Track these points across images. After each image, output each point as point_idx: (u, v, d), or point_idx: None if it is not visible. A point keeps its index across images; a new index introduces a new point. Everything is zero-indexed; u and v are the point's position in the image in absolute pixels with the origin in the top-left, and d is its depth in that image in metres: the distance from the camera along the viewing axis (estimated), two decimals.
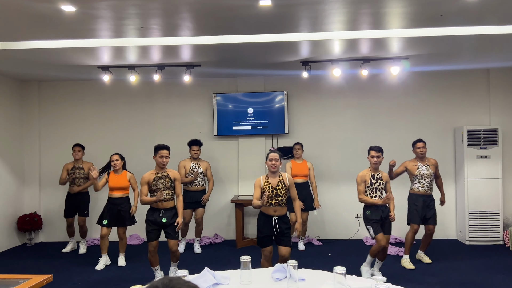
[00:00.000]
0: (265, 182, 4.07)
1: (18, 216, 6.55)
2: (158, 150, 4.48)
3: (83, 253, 6.05)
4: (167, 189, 4.48)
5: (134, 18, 3.82)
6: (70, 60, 5.40)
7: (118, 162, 5.34)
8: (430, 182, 5.15)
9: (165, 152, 4.48)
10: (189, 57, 5.36)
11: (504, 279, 4.64)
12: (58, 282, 4.64)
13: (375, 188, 4.59)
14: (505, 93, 6.43)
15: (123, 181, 5.32)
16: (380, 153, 4.59)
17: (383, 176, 4.65)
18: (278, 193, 4.04)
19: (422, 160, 5.17)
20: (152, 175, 4.49)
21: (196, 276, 2.66)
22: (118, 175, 5.33)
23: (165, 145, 4.52)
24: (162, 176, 4.48)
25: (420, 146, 5.16)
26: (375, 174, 4.62)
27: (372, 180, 4.59)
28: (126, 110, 6.86)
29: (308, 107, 6.71)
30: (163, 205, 4.47)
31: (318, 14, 3.80)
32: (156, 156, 4.48)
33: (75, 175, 6.00)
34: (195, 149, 5.98)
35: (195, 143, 5.99)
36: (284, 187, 4.07)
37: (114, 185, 5.29)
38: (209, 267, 2.79)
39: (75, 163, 6.04)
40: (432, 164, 5.18)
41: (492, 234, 6.11)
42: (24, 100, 6.85)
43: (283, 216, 4.10)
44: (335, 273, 2.33)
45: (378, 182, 4.59)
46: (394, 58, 5.49)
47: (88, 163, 6.07)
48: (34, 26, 4.01)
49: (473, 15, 3.87)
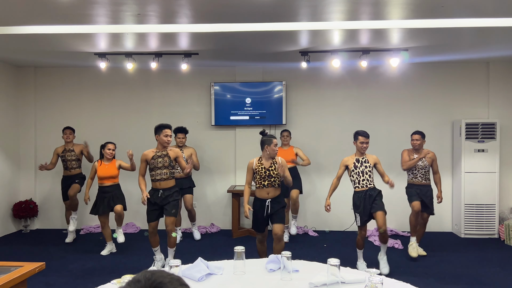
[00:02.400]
0: (257, 163, 4.18)
1: (13, 203, 6.53)
2: (162, 129, 4.45)
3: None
4: (166, 168, 4.47)
5: (131, 4, 3.76)
6: (66, 46, 5.33)
7: (113, 152, 5.30)
8: (425, 173, 5.15)
9: (169, 131, 4.47)
10: (187, 45, 5.30)
11: (499, 272, 4.66)
12: (52, 269, 4.64)
13: (361, 172, 4.56)
14: (504, 86, 6.40)
15: (112, 170, 5.27)
16: (368, 139, 4.57)
17: (370, 159, 4.60)
18: (270, 173, 4.14)
19: (417, 152, 5.15)
20: (152, 153, 4.49)
21: (189, 265, 2.65)
22: (108, 164, 5.28)
23: (169, 125, 4.51)
24: (161, 155, 4.47)
25: (414, 138, 5.14)
26: (360, 158, 4.59)
27: (357, 163, 4.58)
28: (122, 97, 6.81)
29: (306, 98, 6.67)
30: (161, 185, 4.48)
31: (318, 3, 3.74)
32: (160, 135, 4.44)
33: (67, 158, 5.89)
34: (181, 137, 5.89)
35: (180, 131, 5.90)
36: (276, 168, 4.15)
37: (103, 174, 5.23)
38: (204, 257, 2.78)
39: (66, 146, 5.94)
40: (429, 157, 5.15)
41: (488, 228, 6.13)
42: (20, 86, 6.79)
43: (276, 197, 4.17)
44: (329, 264, 2.32)
45: (364, 165, 4.56)
46: (393, 50, 5.45)
47: (80, 145, 5.96)
48: (30, 11, 3.94)
49: (474, 6, 3.82)
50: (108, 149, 5.29)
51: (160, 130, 4.46)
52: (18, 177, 6.74)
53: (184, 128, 5.96)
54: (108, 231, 5.34)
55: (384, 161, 5.62)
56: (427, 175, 5.19)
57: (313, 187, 6.57)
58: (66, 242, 5.90)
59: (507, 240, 5.83)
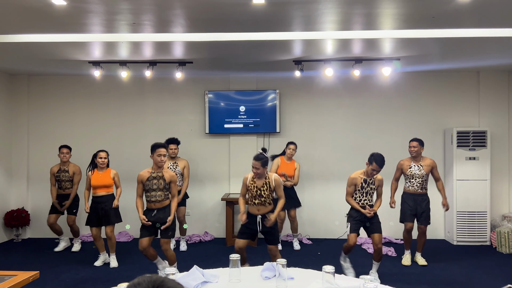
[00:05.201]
0: (251, 181, 4.19)
1: (5, 212, 6.46)
2: (155, 149, 4.32)
3: (76, 251, 5.88)
4: (160, 190, 4.35)
5: (126, 13, 3.78)
6: (60, 55, 5.34)
7: (106, 160, 5.23)
8: (422, 182, 5.16)
9: (163, 151, 4.33)
10: (181, 54, 5.33)
11: (491, 279, 4.70)
12: (45, 279, 4.59)
13: (365, 193, 4.58)
14: (494, 95, 6.50)
15: (106, 179, 5.19)
16: (381, 169, 4.49)
17: (376, 180, 4.60)
18: (261, 193, 4.15)
19: (415, 160, 5.17)
20: (147, 174, 4.37)
21: (185, 274, 2.65)
22: (102, 173, 5.21)
23: (163, 143, 4.39)
24: (156, 176, 4.35)
25: (411, 145, 5.17)
26: (368, 179, 4.58)
27: (364, 184, 4.58)
28: (117, 106, 6.80)
29: (300, 106, 6.72)
30: (156, 205, 4.37)
31: (311, 13, 3.80)
32: (154, 155, 4.32)
33: (61, 178, 5.81)
34: (173, 148, 5.79)
35: (172, 142, 5.80)
36: (269, 189, 4.16)
37: (97, 183, 5.14)
38: (199, 265, 2.78)
39: (61, 166, 5.84)
40: (426, 164, 5.15)
41: (480, 235, 6.18)
42: (13, 94, 6.76)
43: (267, 213, 4.20)
44: (324, 272, 2.33)
45: (370, 187, 4.58)
46: (385, 59, 5.53)
47: (75, 166, 5.87)
48: (24, 20, 3.95)
49: (465, 17, 3.90)
50: (100, 157, 5.20)
51: (154, 150, 4.33)
52: (10, 185, 6.68)
53: (176, 139, 5.86)
54: (101, 242, 5.26)
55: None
56: (424, 184, 5.18)
57: (307, 195, 6.59)
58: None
59: (498, 247, 5.88)
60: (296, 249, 5.99)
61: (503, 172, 6.47)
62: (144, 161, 5.15)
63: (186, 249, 6.01)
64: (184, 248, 6.01)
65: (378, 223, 4.60)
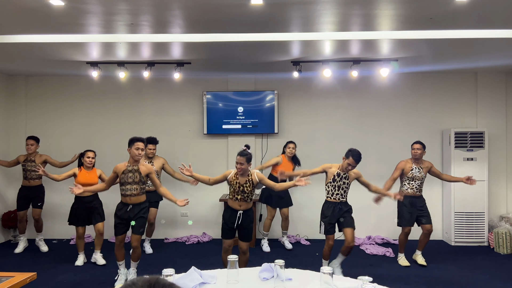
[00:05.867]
0: (233, 177, 4.19)
1: (2, 213, 6.44)
2: (134, 142, 4.33)
3: (46, 251, 5.86)
4: (136, 183, 4.35)
5: (124, 14, 3.78)
6: (58, 55, 5.33)
7: (93, 160, 5.24)
8: (420, 184, 5.19)
9: (141, 144, 4.35)
10: (180, 54, 5.33)
11: (488, 279, 4.71)
12: (42, 280, 4.57)
13: (337, 186, 4.54)
14: (492, 96, 6.52)
15: (93, 178, 5.20)
16: (356, 164, 4.47)
17: (351, 176, 4.55)
18: (244, 189, 4.16)
19: (416, 162, 5.19)
20: (123, 167, 4.38)
21: (182, 275, 2.64)
22: (88, 172, 5.23)
23: (141, 137, 4.41)
24: (132, 169, 4.35)
25: (415, 148, 5.17)
26: (342, 173, 4.55)
27: (336, 177, 4.54)
28: (115, 107, 6.79)
29: (298, 107, 6.72)
30: (132, 200, 4.37)
31: (309, 14, 3.81)
32: (132, 148, 4.32)
33: (27, 168, 5.79)
34: (151, 148, 5.71)
35: (151, 142, 5.74)
36: (251, 185, 4.17)
37: (83, 182, 5.04)
38: (197, 266, 2.78)
39: (28, 156, 5.82)
40: (425, 166, 5.19)
41: (477, 236, 6.19)
42: (10, 95, 6.74)
43: (248, 210, 4.24)
44: (322, 273, 2.33)
45: (343, 181, 4.54)
46: (383, 60, 5.54)
47: (43, 156, 5.86)
48: (21, 20, 3.94)
49: (462, 19, 3.91)
50: (88, 157, 5.21)
51: (132, 143, 4.34)
52: (8, 186, 6.65)
53: (154, 138, 5.79)
54: (82, 242, 5.31)
55: (373, 171, 5.69)
56: (421, 186, 5.22)
57: (304, 195, 6.59)
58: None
59: (496, 247, 5.89)
60: (288, 248, 5.99)
61: (501, 173, 6.49)
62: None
63: (152, 252, 5.86)
64: (150, 251, 5.86)
65: (351, 218, 4.55)
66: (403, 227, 5.20)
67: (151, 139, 5.76)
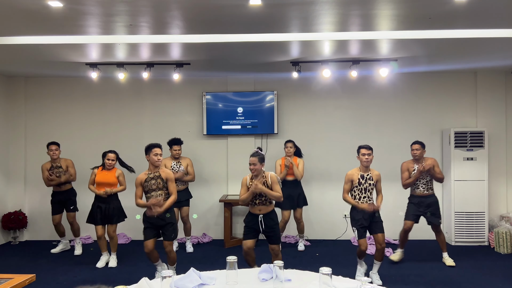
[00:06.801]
0: (250, 181, 4.21)
1: (2, 214, 6.44)
2: (151, 149, 4.35)
3: (79, 254, 5.81)
4: (160, 189, 4.36)
5: (123, 15, 3.78)
6: (58, 57, 5.32)
7: (114, 162, 5.23)
8: (426, 182, 5.14)
9: (159, 150, 4.37)
10: (179, 55, 5.33)
11: (489, 279, 4.70)
12: (42, 282, 4.57)
13: (364, 189, 4.50)
14: (491, 96, 6.51)
15: (111, 177, 5.20)
16: (370, 151, 4.49)
17: (374, 175, 4.55)
18: (261, 193, 4.14)
19: (418, 162, 5.17)
20: (145, 175, 4.38)
21: (181, 276, 2.64)
22: (107, 171, 5.23)
23: (158, 144, 4.42)
24: (154, 176, 4.36)
25: (414, 148, 5.16)
26: (365, 174, 4.52)
27: (361, 180, 4.50)
28: (114, 108, 6.79)
29: (298, 107, 6.72)
30: None
31: (308, 15, 3.80)
32: (150, 155, 4.34)
33: (55, 174, 5.76)
34: (177, 149, 5.84)
35: (176, 143, 5.85)
36: (267, 187, 4.16)
37: (101, 180, 5.15)
38: (197, 267, 2.77)
39: (53, 162, 5.78)
40: (428, 164, 5.11)
41: (478, 235, 6.19)
42: (10, 96, 6.74)
43: (269, 213, 4.23)
44: (321, 273, 2.33)
45: (368, 182, 4.50)
46: (383, 60, 5.53)
47: (67, 160, 5.84)
48: (20, 22, 3.94)
49: (461, 18, 3.91)
50: (108, 159, 5.21)
51: (150, 150, 4.35)
52: (7, 188, 6.65)
53: (179, 139, 5.92)
54: (104, 242, 5.26)
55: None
56: (430, 184, 5.17)
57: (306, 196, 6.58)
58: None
59: (497, 247, 5.88)
60: (300, 249, 6.00)
61: (501, 173, 6.48)
62: (142, 163, 5.13)
63: (192, 250, 5.98)
64: (190, 250, 5.99)
65: (380, 222, 4.53)
66: (405, 221, 5.19)
67: (175, 140, 5.88)
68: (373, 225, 4.52)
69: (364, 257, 4.63)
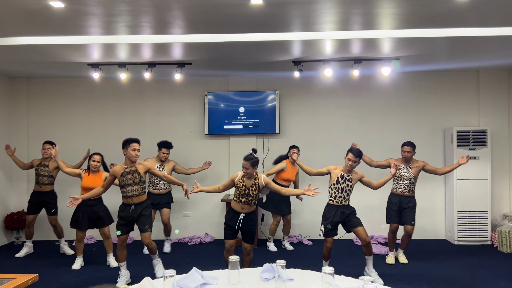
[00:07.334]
0: (240, 179, 4.20)
1: (5, 215, 6.46)
2: (130, 143, 4.34)
3: (71, 254, 5.79)
4: (136, 184, 4.37)
5: (125, 15, 3.78)
6: (60, 57, 5.34)
7: (99, 164, 5.18)
8: (409, 184, 5.16)
9: (137, 145, 4.37)
10: (180, 55, 5.33)
11: (492, 278, 4.69)
12: (45, 282, 4.58)
13: (340, 189, 4.49)
14: (494, 94, 6.49)
15: (98, 181, 5.10)
16: (357, 159, 4.43)
17: (355, 178, 4.51)
18: (250, 193, 4.16)
19: (406, 162, 5.18)
20: (121, 169, 4.37)
21: (184, 276, 2.64)
22: (94, 175, 5.17)
23: (136, 139, 4.43)
24: (130, 171, 4.36)
25: (405, 150, 5.15)
26: (346, 175, 4.50)
27: (340, 179, 4.50)
28: (116, 108, 6.80)
29: (299, 106, 6.71)
30: (133, 201, 4.40)
31: (309, 14, 3.80)
32: (128, 149, 4.33)
33: (40, 172, 5.73)
34: (165, 152, 5.78)
35: (166, 146, 5.79)
36: (257, 189, 4.17)
37: (88, 185, 5.04)
38: (199, 267, 2.78)
39: (42, 160, 5.77)
40: (415, 166, 5.14)
41: (481, 234, 6.17)
42: (12, 97, 6.76)
43: (250, 213, 4.23)
44: (323, 273, 2.32)
45: (346, 183, 4.49)
46: (385, 59, 5.52)
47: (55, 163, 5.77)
48: (22, 22, 3.95)
49: (464, 16, 3.89)
50: (93, 160, 5.15)
51: (128, 144, 4.33)
52: (10, 188, 6.67)
53: (170, 143, 5.85)
54: (82, 246, 5.24)
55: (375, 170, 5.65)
56: (412, 187, 5.18)
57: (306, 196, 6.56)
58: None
59: (500, 246, 5.87)
60: (289, 249, 6.00)
61: (504, 171, 6.46)
62: None
63: (170, 251, 5.92)
64: (168, 250, 5.91)
65: (356, 217, 4.52)
66: (390, 224, 5.24)
67: (166, 143, 5.81)
68: (348, 223, 4.51)
69: (328, 260, 4.63)
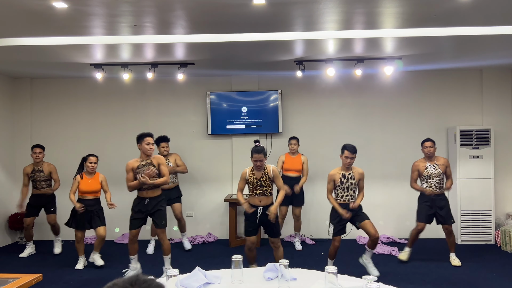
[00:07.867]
0: (250, 173, 4.26)
1: (9, 215, 6.49)
2: (143, 138, 4.42)
3: (58, 253, 5.85)
4: (152, 177, 4.41)
5: (127, 15, 3.79)
6: (63, 58, 5.35)
7: (95, 165, 5.19)
8: (439, 181, 5.11)
9: (151, 139, 4.45)
10: (183, 55, 5.34)
11: (495, 278, 4.67)
12: (49, 281, 4.60)
13: (346, 188, 4.54)
14: (497, 93, 6.47)
15: (95, 185, 5.15)
16: (354, 155, 4.49)
17: (356, 174, 4.56)
18: (262, 183, 4.23)
19: (430, 160, 5.14)
20: (136, 162, 4.44)
21: (187, 275, 2.65)
22: (91, 178, 5.18)
23: (150, 133, 4.49)
24: (146, 164, 4.42)
25: (427, 146, 5.12)
26: (346, 173, 4.55)
27: (343, 179, 4.54)
28: (119, 108, 6.82)
29: (302, 106, 6.71)
30: (148, 194, 4.44)
31: (312, 13, 3.79)
32: (142, 144, 4.40)
33: (36, 178, 5.70)
34: (164, 146, 5.83)
35: (163, 140, 5.84)
36: (268, 179, 4.23)
37: (86, 189, 5.10)
38: (202, 266, 2.78)
39: (35, 166, 5.72)
40: (441, 163, 5.11)
41: (484, 234, 6.15)
42: (16, 97, 6.78)
43: (269, 205, 4.25)
44: (326, 272, 2.32)
45: (350, 181, 4.54)
46: (387, 58, 5.51)
47: (50, 165, 5.77)
48: (25, 23, 3.97)
49: (467, 15, 3.88)
50: (90, 162, 5.16)
51: (142, 139, 4.42)
52: (14, 188, 6.69)
53: (166, 136, 5.90)
54: (82, 246, 5.24)
55: (378, 169, 5.66)
56: (442, 183, 5.13)
57: (309, 195, 6.57)
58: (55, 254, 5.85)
59: (503, 246, 5.85)
60: (298, 249, 5.99)
61: (507, 171, 6.44)
62: None
63: (190, 247, 6.00)
64: (188, 246, 5.99)
65: (363, 213, 4.55)
66: (418, 222, 5.15)
67: (162, 137, 5.85)
68: (355, 218, 4.53)
69: (334, 259, 4.65)
